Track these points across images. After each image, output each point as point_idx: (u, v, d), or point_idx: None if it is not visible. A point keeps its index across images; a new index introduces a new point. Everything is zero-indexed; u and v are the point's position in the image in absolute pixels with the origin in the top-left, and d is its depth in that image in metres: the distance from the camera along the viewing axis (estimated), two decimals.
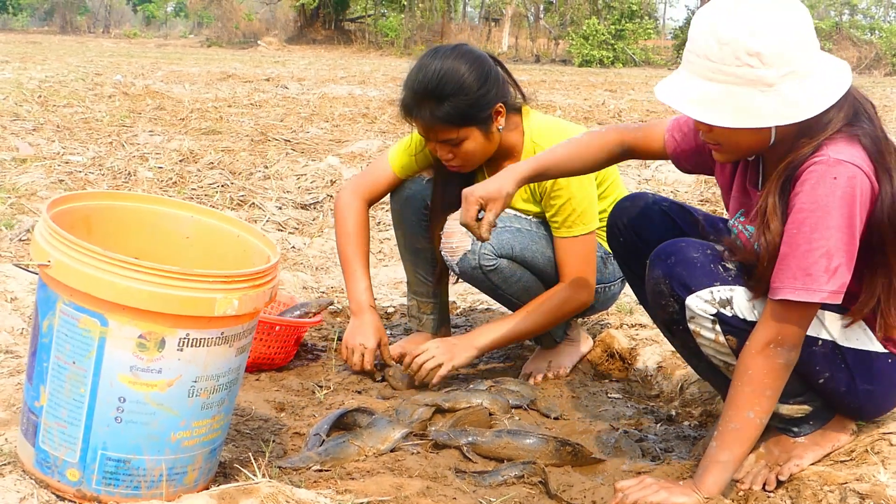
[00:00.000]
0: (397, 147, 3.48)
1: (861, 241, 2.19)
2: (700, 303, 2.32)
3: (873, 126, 2.26)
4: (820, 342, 2.36)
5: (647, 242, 2.69)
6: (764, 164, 2.43)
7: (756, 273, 2.32)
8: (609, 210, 3.36)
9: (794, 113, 2.16)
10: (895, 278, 2.28)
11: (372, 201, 3.52)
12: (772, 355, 2.24)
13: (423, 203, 3.44)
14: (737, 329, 2.34)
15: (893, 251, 2.25)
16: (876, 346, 2.39)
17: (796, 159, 2.23)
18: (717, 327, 2.33)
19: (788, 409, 2.46)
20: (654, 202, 2.80)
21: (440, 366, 3.21)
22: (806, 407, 2.47)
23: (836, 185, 2.14)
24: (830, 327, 2.37)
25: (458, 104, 3.05)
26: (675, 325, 2.42)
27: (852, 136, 2.22)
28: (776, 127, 2.22)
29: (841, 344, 2.38)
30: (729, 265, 2.35)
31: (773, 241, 2.24)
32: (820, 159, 2.18)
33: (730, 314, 2.32)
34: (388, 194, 3.55)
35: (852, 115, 2.26)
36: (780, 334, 2.23)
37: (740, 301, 2.33)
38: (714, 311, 2.31)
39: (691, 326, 2.38)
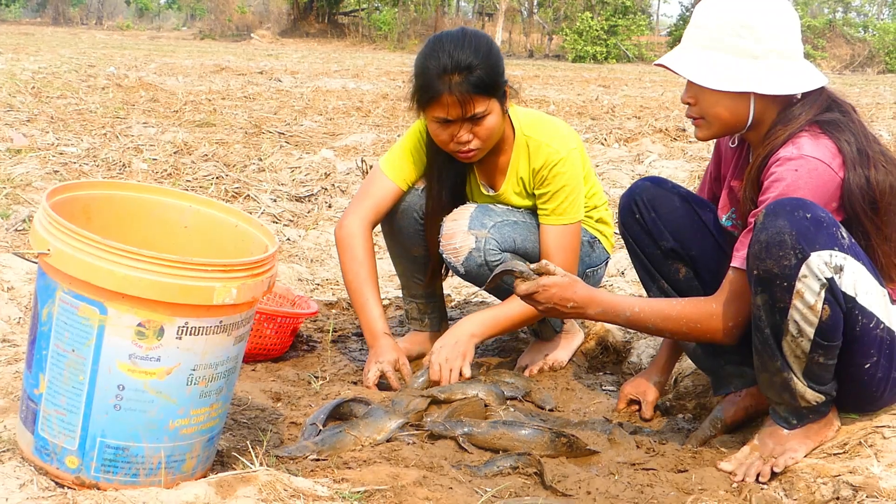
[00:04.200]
0: (392, 160, 3.38)
1: (842, 221, 2.42)
2: (820, 263, 2.29)
3: (848, 119, 2.49)
4: (882, 326, 2.42)
5: (666, 223, 2.87)
6: (751, 157, 2.63)
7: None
8: (586, 195, 3.40)
9: (772, 85, 2.48)
10: (872, 240, 2.47)
11: (376, 223, 3.40)
12: (726, 335, 2.55)
13: (419, 213, 3.40)
14: (835, 301, 2.33)
15: (867, 225, 2.45)
16: None
17: (772, 148, 2.49)
18: (823, 293, 2.31)
19: (812, 396, 2.47)
20: (673, 187, 2.93)
21: (461, 368, 3.17)
22: (822, 398, 2.48)
23: (797, 176, 2.40)
24: (893, 316, 2.45)
25: (488, 71, 3.03)
26: (777, 280, 2.34)
27: (820, 131, 2.46)
28: (754, 105, 2.53)
29: (895, 332, 2.46)
30: (844, 233, 2.36)
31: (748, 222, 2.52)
32: (785, 154, 2.44)
33: (838, 282, 2.32)
34: None
35: (825, 109, 2.51)
36: (742, 315, 2.51)
37: (848, 273, 2.33)
38: (829, 275, 2.30)
39: (797, 286, 2.32)
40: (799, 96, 2.54)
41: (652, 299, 2.78)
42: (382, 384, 3.18)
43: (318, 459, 2.47)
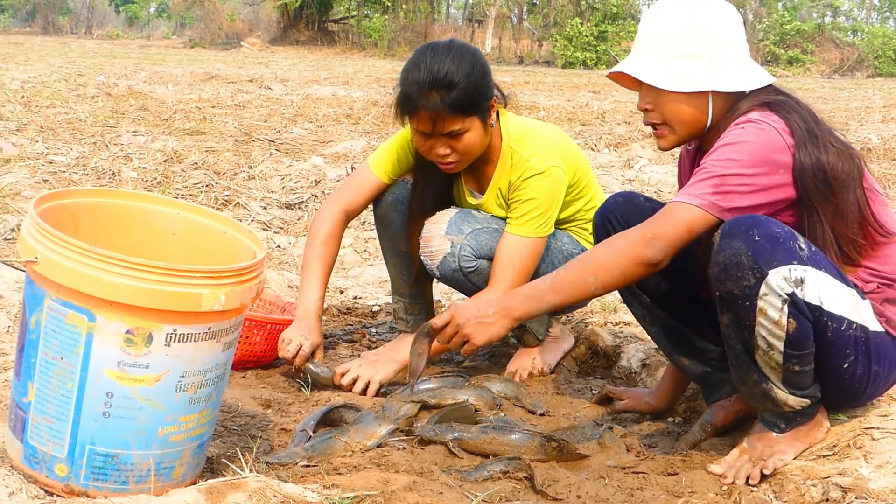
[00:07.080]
0: (378, 154, 3.45)
1: (796, 200, 2.44)
2: (779, 279, 2.31)
3: (795, 103, 2.52)
4: (854, 325, 2.42)
5: None
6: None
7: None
8: (584, 209, 3.40)
9: (730, 83, 2.52)
10: (827, 228, 2.45)
11: (352, 212, 3.47)
12: (644, 245, 2.42)
13: (408, 206, 3.44)
14: (800, 313, 2.34)
15: (821, 206, 2.44)
16: (876, 326, 2.48)
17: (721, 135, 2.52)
18: (786, 308, 2.32)
19: (795, 401, 2.48)
20: (646, 200, 2.90)
21: (369, 383, 3.18)
22: (807, 402, 2.49)
23: (742, 132, 2.42)
24: (864, 313, 2.45)
25: (467, 91, 3.04)
26: (739, 301, 2.36)
27: (769, 109, 2.48)
28: (712, 105, 2.55)
29: (869, 328, 2.46)
30: (802, 244, 2.37)
31: None
32: (732, 122, 2.49)
33: (800, 295, 2.33)
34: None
35: (769, 99, 2.54)
36: (662, 229, 2.41)
37: (810, 283, 2.34)
38: (790, 290, 2.31)
39: (759, 304, 2.34)
40: (747, 93, 2.56)
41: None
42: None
43: (308, 465, 2.47)
